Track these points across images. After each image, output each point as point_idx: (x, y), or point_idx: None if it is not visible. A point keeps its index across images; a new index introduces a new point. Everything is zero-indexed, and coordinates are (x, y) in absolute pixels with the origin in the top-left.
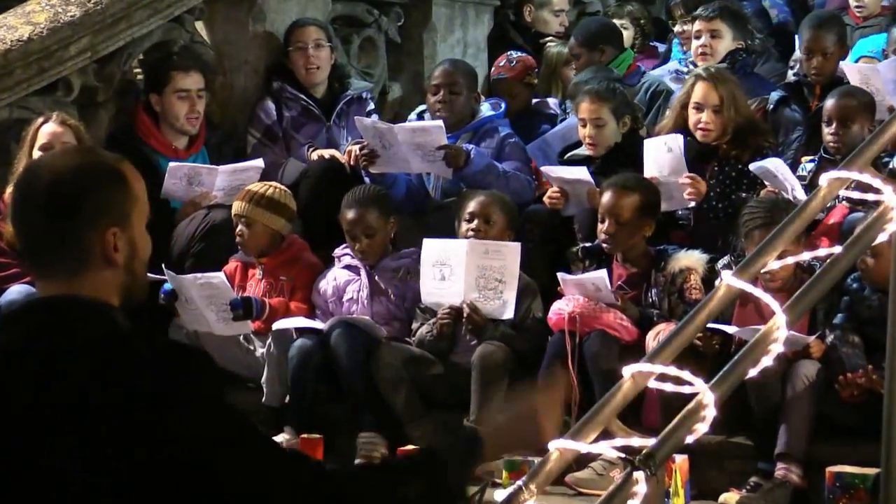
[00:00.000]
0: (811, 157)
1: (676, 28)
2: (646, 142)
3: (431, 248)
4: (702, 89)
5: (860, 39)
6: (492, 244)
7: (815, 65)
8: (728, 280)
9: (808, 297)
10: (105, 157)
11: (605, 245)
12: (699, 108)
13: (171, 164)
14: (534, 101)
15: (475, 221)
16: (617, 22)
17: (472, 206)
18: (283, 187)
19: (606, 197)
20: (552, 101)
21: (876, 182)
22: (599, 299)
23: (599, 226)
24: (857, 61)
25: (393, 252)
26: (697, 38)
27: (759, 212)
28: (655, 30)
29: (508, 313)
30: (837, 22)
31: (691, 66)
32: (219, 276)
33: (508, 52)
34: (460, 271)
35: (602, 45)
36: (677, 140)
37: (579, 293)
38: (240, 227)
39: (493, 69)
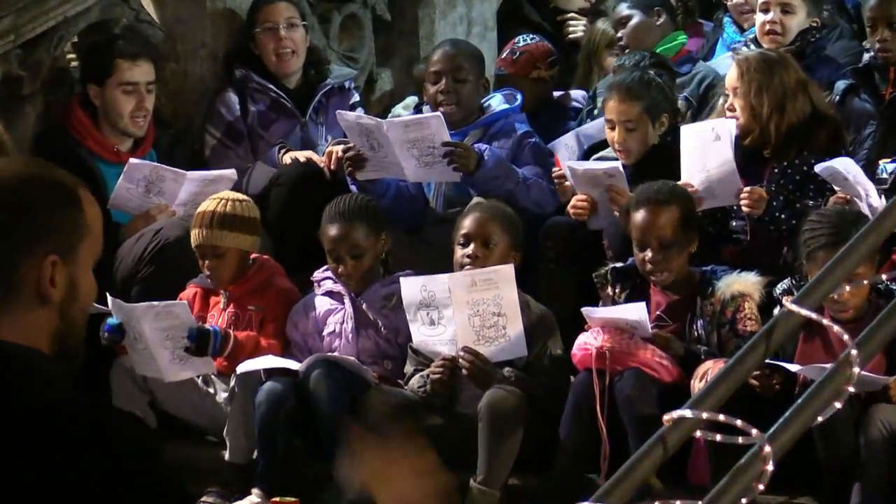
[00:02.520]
0: (891, 158)
1: (734, 0)
2: (683, 128)
3: (410, 290)
4: (730, 73)
5: None
6: (477, 273)
7: (880, 38)
8: (790, 307)
9: (885, 328)
10: (60, 173)
11: (653, 278)
12: (727, 94)
13: (132, 161)
14: (556, 94)
15: (471, 246)
16: None
17: (467, 225)
18: (240, 196)
19: (640, 217)
20: (578, 94)
21: None
22: (635, 332)
23: (638, 254)
24: None
25: (384, 276)
26: (765, 11)
27: (822, 227)
28: (702, 6)
29: (521, 350)
30: None
31: (753, 47)
32: (180, 305)
33: (515, 40)
34: (449, 313)
35: (659, 7)
36: (727, 126)
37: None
38: (208, 259)
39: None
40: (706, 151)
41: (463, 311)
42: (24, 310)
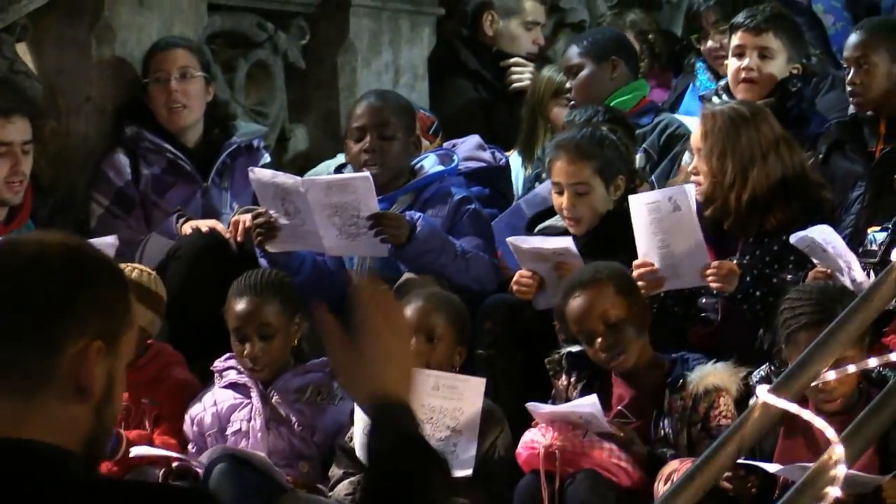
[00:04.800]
0: (882, 226)
1: (709, 44)
2: (632, 198)
3: None
4: (695, 129)
5: None
6: (444, 378)
7: (850, 81)
8: (765, 397)
9: (875, 420)
10: (100, 252)
11: (613, 365)
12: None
13: None
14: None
15: (413, 340)
16: None
17: (407, 316)
18: (150, 269)
19: (574, 307)
20: (469, 146)
21: None
22: (589, 428)
23: (588, 348)
24: None
25: (296, 365)
26: (739, 56)
27: (803, 306)
28: (669, 48)
29: (466, 470)
30: None
31: (725, 97)
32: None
33: None
34: None
35: (616, 58)
36: (687, 193)
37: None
38: None
39: None
40: (664, 224)
41: (418, 413)
42: (59, 404)
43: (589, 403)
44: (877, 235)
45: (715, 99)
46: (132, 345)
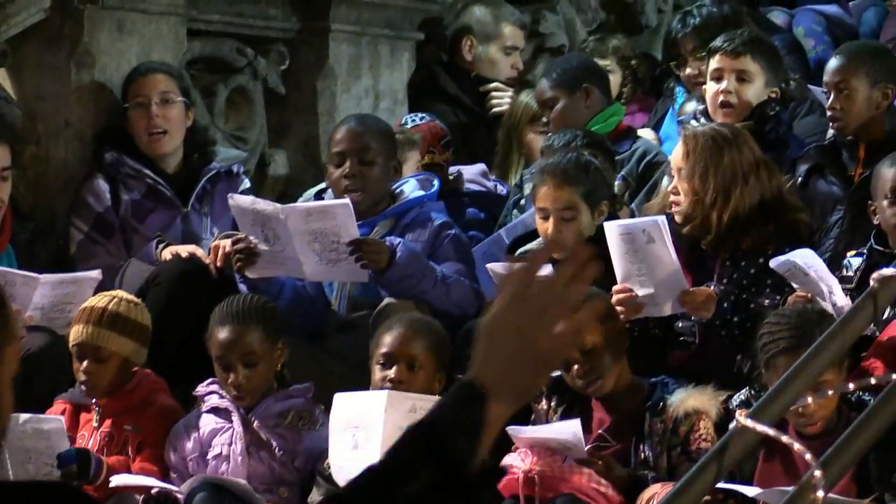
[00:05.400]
0: (859, 250)
1: (687, 70)
2: (607, 225)
3: (344, 407)
4: (676, 150)
5: None
6: (421, 400)
7: (831, 106)
8: (744, 421)
9: (854, 444)
10: None
11: (590, 391)
12: (673, 174)
13: None
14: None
15: (394, 368)
16: (598, 63)
17: (388, 343)
18: (134, 298)
19: None
20: (474, 171)
21: None
22: (569, 454)
23: (565, 374)
24: None
25: (278, 390)
26: (717, 79)
27: (781, 330)
28: (651, 73)
29: None
30: (880, 54)
31: (703, 121)
32: (54, 422)
33: (401, 120)
34: (377, 437)
35: (587, 85)
36: (659, 226)
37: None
38: (87, 361)
39: None
40: (640, 255)
41: (393, 436)
42: None
43: (570, 430)
44: (853, 261)
45: (693, 122)
46: (14, 362)
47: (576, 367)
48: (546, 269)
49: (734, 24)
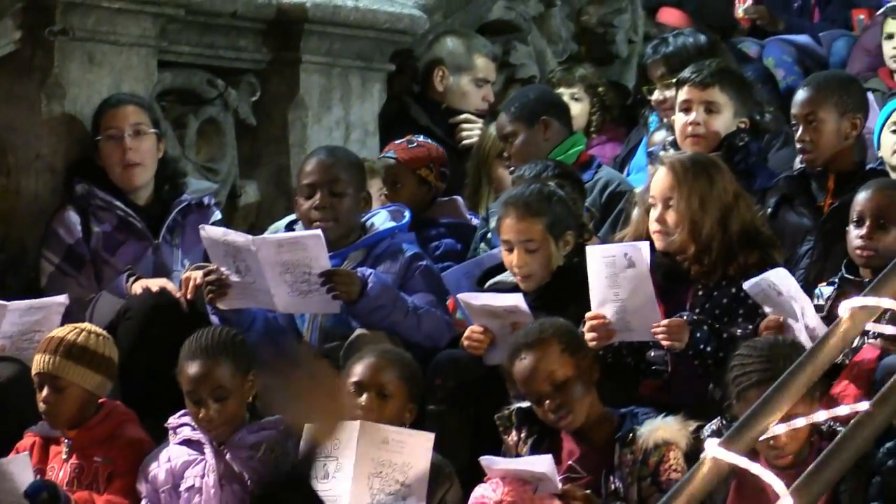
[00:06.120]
0: (830, 280)
1: (654, 95)
2: (589, 249)
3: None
4: (662, 179)
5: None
6: (394, 431)
7: (800, 138)
8: (714, 452)
9: (824, 474)
10: None
11: (561, 425)
12: (654, 203)
13: None
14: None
15: (364, 396)
16: (565, 92)
17: (359, 373)
18: (100, 331)
19: (520, 369)
20: (460, 202)
21: None
22: (542, 486)
23: (536, 407)
24: (881, 129)
25: (250, 421)
26: (686, 111)
27: (753, 363)
28: (621, 102)
29: None
30: (847, 84)
31: (673, 151)
32: (19, 460)
33: (414, 135)
34: (348, 466)
35: (546, 117)
36: (642, 252)
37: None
38: (45, 390)
39: (385, 148)
40: (618, 279)
41: (364, 466)
42: None
43: (544, 464)
44: (824, 290)
45: (662, 153)
46: None
47: (547, 401)
48: (515, 300)
49: (708, 54)
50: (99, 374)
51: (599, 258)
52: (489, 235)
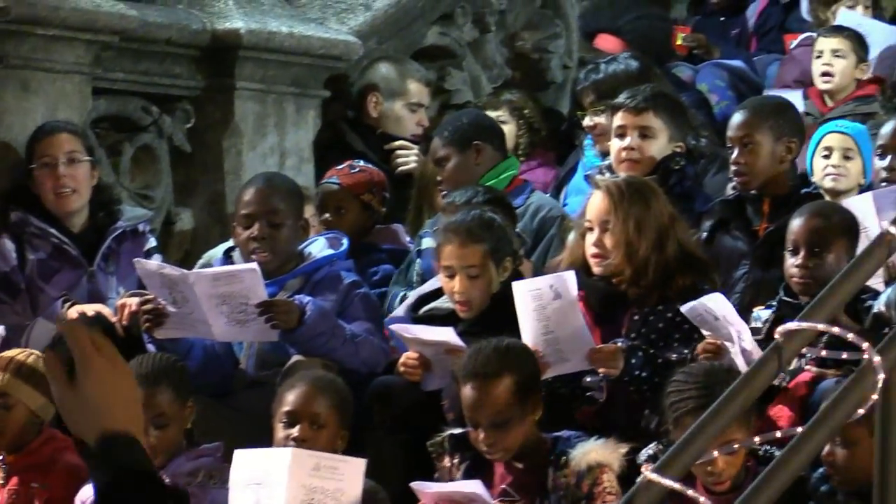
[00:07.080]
0: (768, 303)
1: (585, 121)
2: (515, 285)
3: (243, 464)
4: (597, 203)
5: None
6: (325, 458)
7: (734, 160)
8: (650, 475)
9: (760, 499)
10: None
11: (489, 457)
12: (591, 227)
13: None
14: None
15: (297, 427)
16: (491, 115)
17: (291, 402)
18: (39, 353)
19: (468, 393)
20: (400, 228)
21: (852, 336)
22: None
23: (472, 432)
24: (812, 155)
25: (188, 448)
26: (620, 136)
27: (689, 389)
28: (549, 126)
29: None
30: (783, 109)
31: (609, 175)
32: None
33: (355, 160)
34: (280, 496)
35: (478, 142)
36: (567, 282)
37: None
38: None
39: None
40: (547, 312)
41: (296, 494)
42: None
43: (474, 485)
44: (761, 313)
45: (599, 177)
46: None
47: (482, 435)
48: (446, 335)
49: (640, 80)
50: (44, 396)
51: (525, 293)
52: (419, 260)
